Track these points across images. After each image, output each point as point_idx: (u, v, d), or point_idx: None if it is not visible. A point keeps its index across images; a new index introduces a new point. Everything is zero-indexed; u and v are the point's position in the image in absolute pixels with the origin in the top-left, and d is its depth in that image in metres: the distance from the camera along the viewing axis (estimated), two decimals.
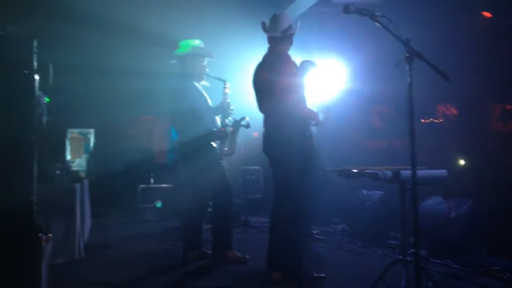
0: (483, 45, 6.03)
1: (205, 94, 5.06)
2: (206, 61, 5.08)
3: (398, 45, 3.08)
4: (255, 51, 4.55)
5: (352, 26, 6.73)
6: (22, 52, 3.21)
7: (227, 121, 5.04)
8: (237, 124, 4.99)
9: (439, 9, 6.34)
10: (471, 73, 6.00)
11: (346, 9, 3.16)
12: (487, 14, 6.30)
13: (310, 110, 4.20)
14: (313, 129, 4.56)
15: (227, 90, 5.09)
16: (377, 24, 3.13)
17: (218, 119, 5.06)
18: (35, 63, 3.24)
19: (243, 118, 4.99)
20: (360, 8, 3.17)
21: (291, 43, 4.22)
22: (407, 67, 3.02)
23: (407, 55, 3.01)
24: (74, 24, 7.23)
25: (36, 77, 3.28)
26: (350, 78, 7.55)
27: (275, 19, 4.18)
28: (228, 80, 5.15)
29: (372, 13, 3.15)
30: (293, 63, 4.23)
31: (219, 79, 5.12)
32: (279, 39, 4.17)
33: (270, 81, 4.01)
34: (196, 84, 5.03)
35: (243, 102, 5.67)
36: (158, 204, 7.59)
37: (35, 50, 3.22)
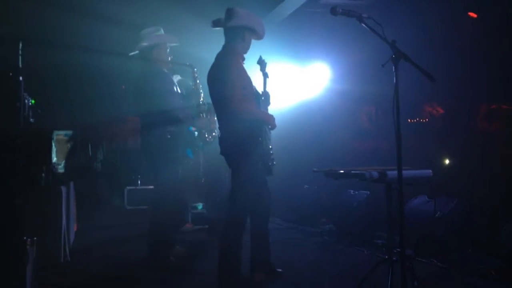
0: (469, 45, 6.08)
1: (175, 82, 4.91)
2: (169, 48, 4.94)
3: (386, 45, 3.10)
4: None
5: (341, 27, 6.75)
6: (7, 54, 3.18)
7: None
8: (211, 107, 4.93)
9: (425, 9, 6.38)
10: (457, 72, 6.03)
11: (334, 11, 3.16)
12: (473, 15, 6.35)
13: (265, 114, 4.08)
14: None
15: (195, 75, 4.97)
16: (364, 25, 3.15)
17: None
18: (20, 65, 3.21)
19: None
20: (348, 10, 3.18)
21: (242, 39, 4.04)
22: (393, 68, 3.04)
23: (393, 56, 3.03)
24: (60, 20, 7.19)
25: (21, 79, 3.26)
26: (338, 78, 7.59)
27: (229, 12, 4.05)
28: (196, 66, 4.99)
29: (359, 15, 3.16)
30: (242, 66, 4.06)
31: (186, 64, 5.00)
32: (227, 33, 4.08)
33: (222, 84, 3.90)
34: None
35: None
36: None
37: (20, 52, 3.18)
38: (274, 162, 4.14)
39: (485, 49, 5.83)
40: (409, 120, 7.12)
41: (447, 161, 6.49)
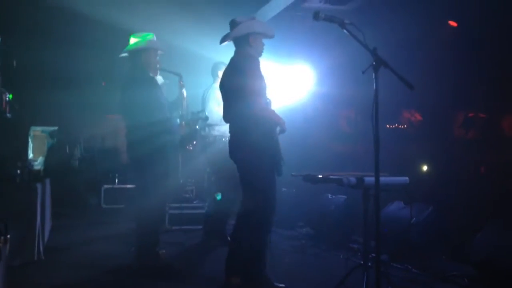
0: (448, 53, 6.16)
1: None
2: (159, 55, 4.92)
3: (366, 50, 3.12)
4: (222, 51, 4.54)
5: (322, 30, 6.78)
6: None
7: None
8: (195, 117, 4.94)
9: (406, 17, 6.44)
10: (435, 80, 6.11)
11: (316, 16, 3.18)
12: (453, 23, 6.44)
13: (278, 115, 4.08)
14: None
15: (181, 84, 4.94)
16: (346, 32, 3.16)
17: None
18: None
19: (201, 111, 4.92)
20: (330, 15, 3.20)
21: (249, 44, 4.08)
22: (374, 75, 3.06)
23: (374, 63, 3.05)
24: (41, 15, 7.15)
25: None
26: (318, 81, 7.62)
27: (231, 23, 4.16)
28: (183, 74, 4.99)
29: (341, 21, 3.18)
30: (258, 66, 4.10)
31: (174, 73, 4.97)
32: (235, 43, 4.17)
33: (237, 84, 3.93)
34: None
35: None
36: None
37: None
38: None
39: (464, 58, 5.91)
40: (387, 126, 7.17)
41: (424, 168, 6.56)
